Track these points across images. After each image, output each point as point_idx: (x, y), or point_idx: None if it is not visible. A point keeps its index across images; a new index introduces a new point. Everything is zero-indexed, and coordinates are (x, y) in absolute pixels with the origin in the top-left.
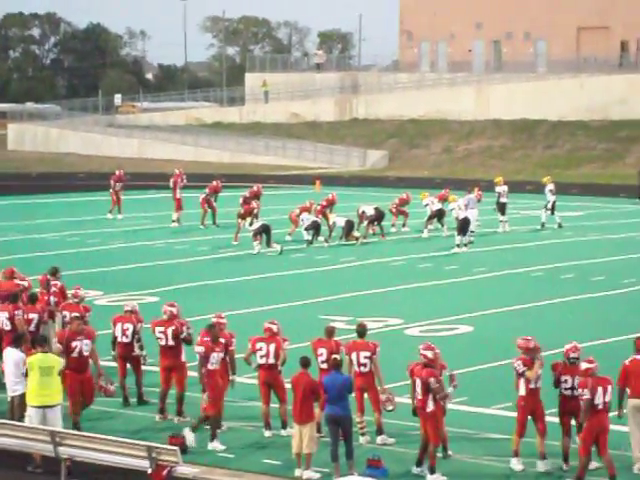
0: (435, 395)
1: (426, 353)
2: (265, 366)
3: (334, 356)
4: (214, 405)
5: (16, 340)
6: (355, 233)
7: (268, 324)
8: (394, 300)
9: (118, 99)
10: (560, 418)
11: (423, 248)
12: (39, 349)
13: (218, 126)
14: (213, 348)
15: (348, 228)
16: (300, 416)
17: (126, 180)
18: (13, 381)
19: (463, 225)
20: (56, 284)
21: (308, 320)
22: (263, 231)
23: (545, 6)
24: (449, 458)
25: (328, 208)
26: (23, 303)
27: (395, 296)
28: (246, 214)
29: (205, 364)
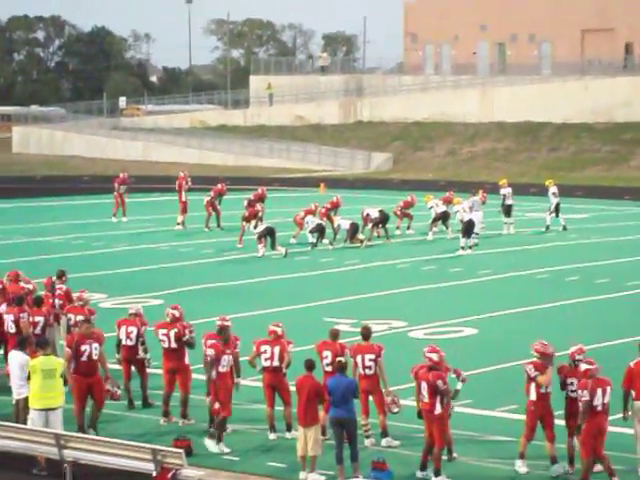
0: (445, 396)
1: (431, 356)
2: (270, 369)
3: (339, 359)
4: (226, 407)
5: (21, 343)
6: (360, 236)
7: (273, 327)
8: (398, 302)
9: (123, 102)
10: (566, 420)
11: (427, 250)
12: (41, 352)
13: (222, 129)
14: (224, 351)
15: (353, 231)
16: (305, 419)
17: (130, 183)
18: (18, 384)
19: (467, 227)
20: (61, 287)
21: (313, 323)
22: (268, 234)
23: (549, 8)
24: (454, 461)
25: (333, 211)
26: (28, 306)
27: (399, 298)
28: (250, 217)
29: (216, 367)
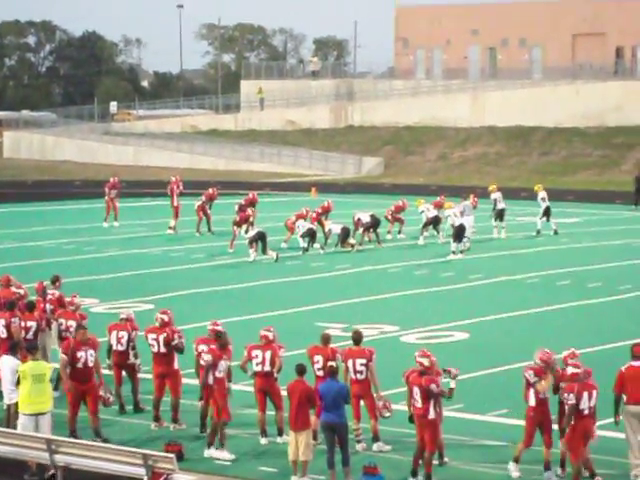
0: (441, 397)
1: (422, 361)
2: (261, 373)
3: (330, 363)
4: (225, 411)
5: (12, 348)
6: (351, 240)
7: (264, 331)
8: (390, 307)
9: (114, 107)
10: (559, 424)
11: (419, 255)
12: (30, 357)
13: (213, 133)
14: (221, 356)
15: (344, 235)
16: (296, 423)
17: (121, 187)
18: (10, 389)
19: (458, 232)
20: (54, 293)
21: (304, 327)
22: (259, 238)
23: (540, 13)
24: (445, 465)
25: (324, 215)
26: (20, 311)
27: (391, 303)
28: (242, 221)
29: (213, 372)
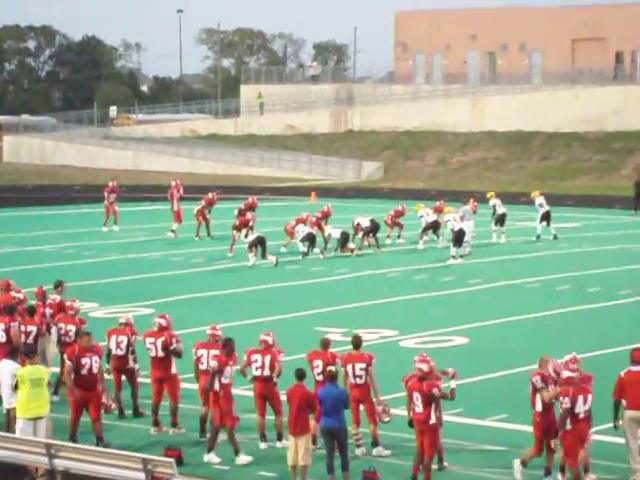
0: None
1: (421, 366)
2: (260, 378)
3: (330, 368)
4: (231, 417)
5: (12, 352)
6: (350, 245)
7: (263, 336)
8: (389, 312)
9: (113, 111)
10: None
11: (418, 260)
12: (28, 361)
13: (213, 138)
14: (227, 362)
15: (343, 240)
16: (295, 428)
17: (120, 191)
18: (9, 393)
19: (458, 236)
20: (55, 298)
21: (303, 332)
22: (258, 243)
23: (540, 18)
24: (444, 470)
25: (323, 220)
26: (19, 315)
27: (390, 308)
28: (241, 226)
29: (219, 378)
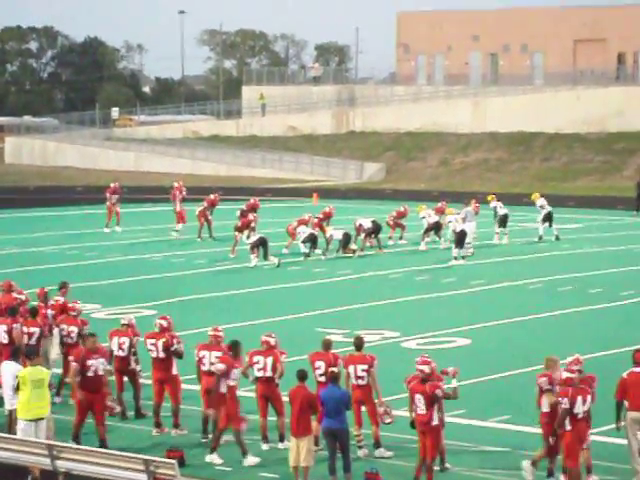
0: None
1: (423, 368)
2: (262, 379)
3: (332, 369)
4: (237, 420)
5: (14, 353)
6: (352, 246)
7: (265, 337)
8: (391, 313)
9: (115, 112)
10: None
11: (420, 261)
12: (29, 362)
13: (215, 139)
14: (233, 364)
15: (345, 241)
16: (297, 429)
17: (122, 192)
18: (11, 394)
19: (460, 238)
20: (59, 299)
21: (305, 333)
22: (260, 244)
23: (542, 19)
24: (446, 471)
25: (325, 221)
26: (21, 316)
27: (392, 309)
28: (243, 227)
29: (226, 380)
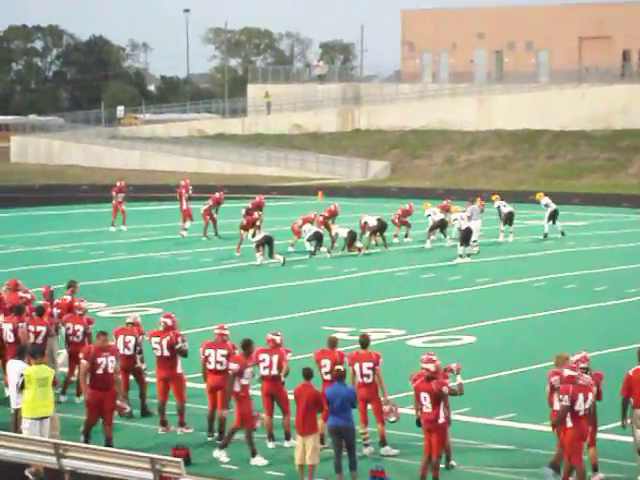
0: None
1: (428, 366)
2: (268, 377)
3: (337, 367)
4: (250, 419)
5: (20, 352)
6: (357, 244)
7: (271, 335)
8: (397, 311)
9: (121, 111)
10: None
11: (426, 259)
12: (33, 361)
13: (220, 137)
14: (246, 363)
15: (350, 239)
16: (303, 427)
17: (128, 191)
18: (17, 393)
19: (465, 235)
20: (66, 298)
21: (311, 331)
22: (266, 242)
23: (547, 16)
24: (452, 469)
25: (330, 219)
26: (29, 315)
27: (398, 307)
28: (249, 225)
29: (239, 379)
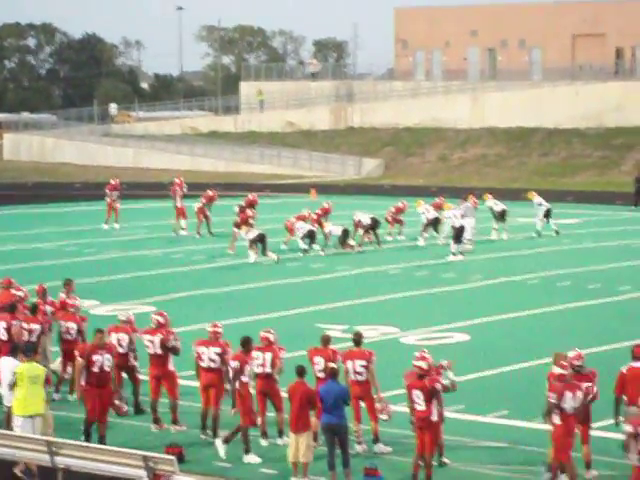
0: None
1: (420, 364)
2: (262, 375)
3: (331, 365)
4: (249, 416)
5: (14, 350)
6: (351, 242)
7: (264, 333)
8: (390, 308)
9: (114, 109)
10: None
11: (419, 256)
12: (25, 358)
13: (213, 135)
14: (247, 361)
15: (344, 237)
16: (297, 425)
17: (122, 189)
18: (10, 391)
19: (458, 233)
20: (62, 297)
21: (304, 329)
22: (259, 240)
23: (540, 14)
24: (445, 466)
25: (324, 217)
26: (22, 313)
27: (391, 304)
28: (242, 223)
29: (239, 377)
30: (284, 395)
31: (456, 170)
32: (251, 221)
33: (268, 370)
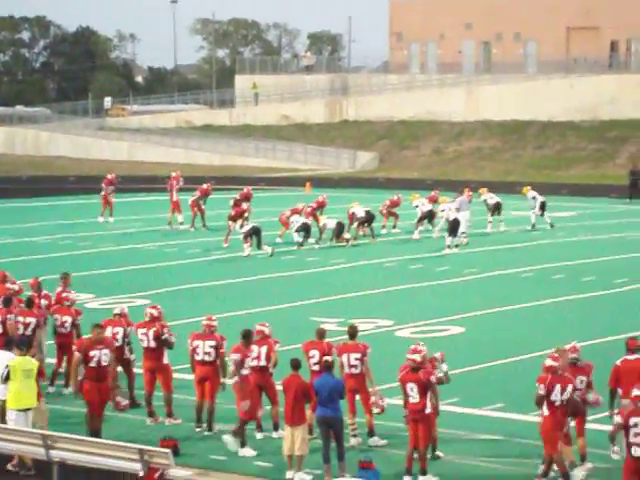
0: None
1: (414, 357)
2: (257, 368)
3: (325, 358)
4: (251, 410)
5: (8, 344)
6: (345, 235)
7: (259, 326)
8: (385, 301)
9: (108, 102)
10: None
11: (414, 249)
12: (19, 352)
13: (208, 128)
14: (246, 353)
15: (338, 230)
16: (292, 418)
17: (117, 184)
18: (3, 385)
19: (453, 226)
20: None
21: (299, 322)
22: (253, 233)
23: (535, 7)
24: (438, 459)
25: (318, 210)
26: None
27: (386, 297)
28: (236, 216)
29: (240, 370)
30: (279, 388)
31: (451, 163)
32: (246, 214)
33: (263, 363)
